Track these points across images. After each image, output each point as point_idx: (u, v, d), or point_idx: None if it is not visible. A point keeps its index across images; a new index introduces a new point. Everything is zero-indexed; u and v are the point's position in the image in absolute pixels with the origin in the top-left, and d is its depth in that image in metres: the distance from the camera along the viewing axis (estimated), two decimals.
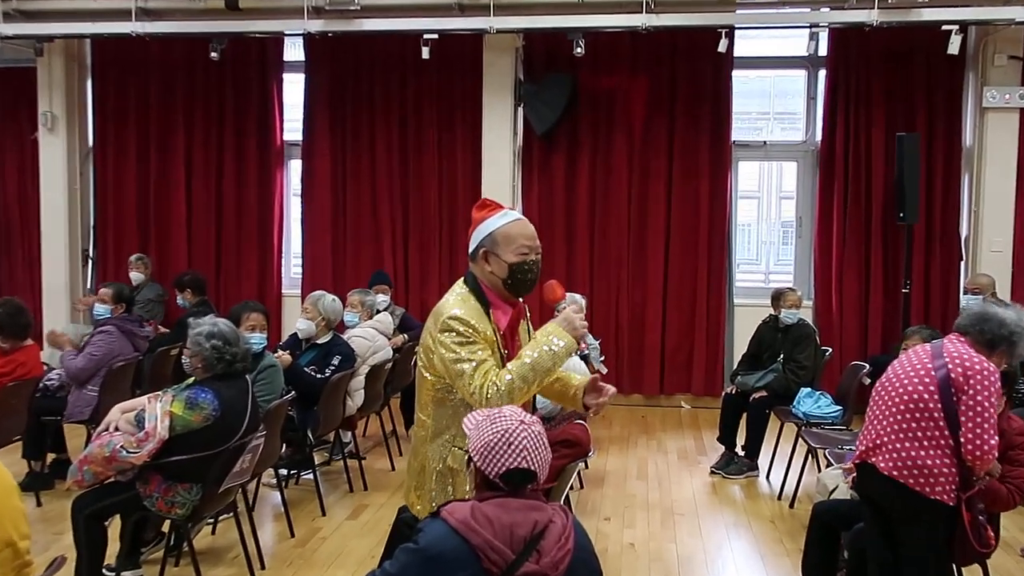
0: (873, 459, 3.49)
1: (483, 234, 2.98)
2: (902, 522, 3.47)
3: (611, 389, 3.08)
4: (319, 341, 5.85)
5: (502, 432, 2.32)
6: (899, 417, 3.43)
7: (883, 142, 8.25)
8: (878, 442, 3.48)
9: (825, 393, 6.26)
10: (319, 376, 5.60)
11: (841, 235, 8.40)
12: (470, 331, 2.85)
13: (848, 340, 8.40)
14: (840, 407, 6.09)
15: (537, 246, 3.00)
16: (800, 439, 5.89)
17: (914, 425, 3.39)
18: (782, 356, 6.49)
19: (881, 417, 3.53)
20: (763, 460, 6.53)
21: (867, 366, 6.19)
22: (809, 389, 6.27)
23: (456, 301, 2.94)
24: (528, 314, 3.19)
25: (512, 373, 2.82)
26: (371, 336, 6.36)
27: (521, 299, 3.09)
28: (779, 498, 5.99)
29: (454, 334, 2.85)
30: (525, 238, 2.97)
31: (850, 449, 5.15)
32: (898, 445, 3.40)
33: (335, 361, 5.74)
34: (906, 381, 3.46)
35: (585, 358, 3.03)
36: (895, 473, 3.38)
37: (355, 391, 6.10)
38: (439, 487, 2.99)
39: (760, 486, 6.32)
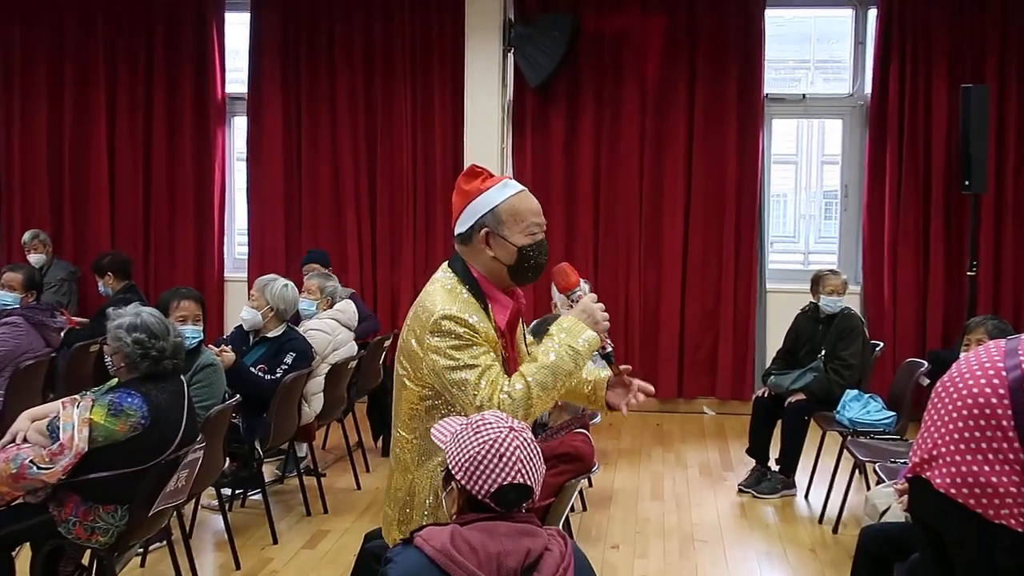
0: (928, 473, 3.47)
1: (482, 210, 2.92)
2: (959, 548, 3.47)
3: (646, 387, 3.10)
4: (269, 335, 5.83)
5: (490, 442, 2.32)
6: (960, 425, 3.39)
7: (945, 95, 8.27)
8: (934, 453, 3.45)
9: (875, 396, 6.27)
10: (269, 377, 5.60)
11: (894, 207, 8.42)
12: (469, 332, 2.81)
13: (903, 333, 8.43)
14: (893, 413, 6.10)
15: (544, 223, 2.98)
16: (845, 451, 5.90)
17: (977, 435, 3.35)
18: (823, 352, 6.50)
19: (939, 424, 3.50)
20: (801, 476, 6.55)
21: (925, 364, 6.20)
22: (856, 391, 6.28)
23: (444, 295, 2.88)
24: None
25: (527, 379, 2.78)
26: (331, 329, 6.35)
27: (518, 290, 3.07)
28: (820, 522, 6.00)
29: (450, 337, 2.80)
30: (534, 214, 2.94)
31: (904, 463, 5.16)
32: (957, 458, 3.36)
33: (288, 359, 5.73)
34: (971, 382, 3.43)
35: (607, 356, 3.00)
36: (952, 491, 3.35)
37: (312, 395, 6.10)
38: (432, 521, 2.90)
39: (798, 507, 6.34)
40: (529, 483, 2.32)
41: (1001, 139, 8.24)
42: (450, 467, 2.36)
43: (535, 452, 2.36)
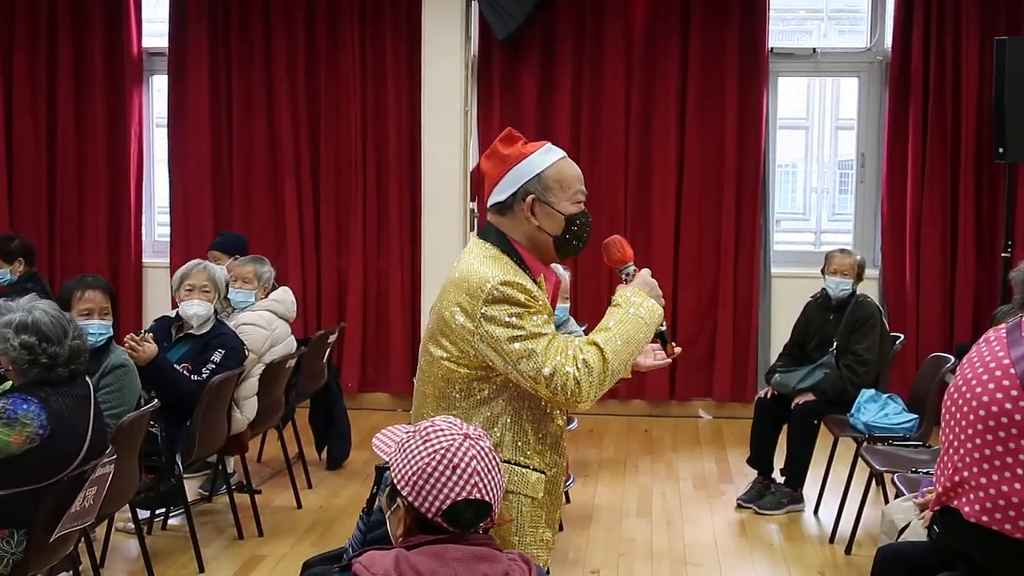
0: (956, 502, 3.43)
1: (527, 175, 3.09)
2: None
3: (669, 352, 3.28)
4: (196, 331, 5.82)
5: (442, 451, 2.32)
6: (978, 441, 3.34)
7: (977, 49, 8.32)
8: (956, 479, 3.40)
9: (895, 396, 6.32)
10: (194, 378, 5.58)
11: (918, 179, 8.48)
12: (529, 298, 2.96)
13: (927, 323, 8.51)
14: (915, 416, 6.15)
15: (586, 192, 3.22)
16: (860, 460, 5.94)
17: (1000, 449, 3.30)
18: (835, 346, 6.55)
19: (957, 444, 3.45)
20: (810, 489, 6.60)
21: (952, 359, 6.24)
22: (873, 391, 6.32)
23: (493, 264, 3.02)
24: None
25: (601, 347, 2.94)
26: (268, 322, 6.33)
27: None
28: (831, 541, 6.05)
29: (511, 305, 2.93)
30: (579, 182, 3.16)
31: (927, 473, 5.20)
32: (983, 480, 3.32)
33: (215, 357, 5.72)
34: (978, 389, 3.37)
35: (662, 335, 3.18)
36: (985, 519, 3.31)
37: (245, 399, 6.08)
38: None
39: (806, 525, 6.38)
40: (487, 499, 2.33)
41: None
42: (395, 482, 2.35)
43: (494, 464, 2.36)
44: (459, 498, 2.31)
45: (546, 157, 3.12)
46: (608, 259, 3.30)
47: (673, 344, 3.26)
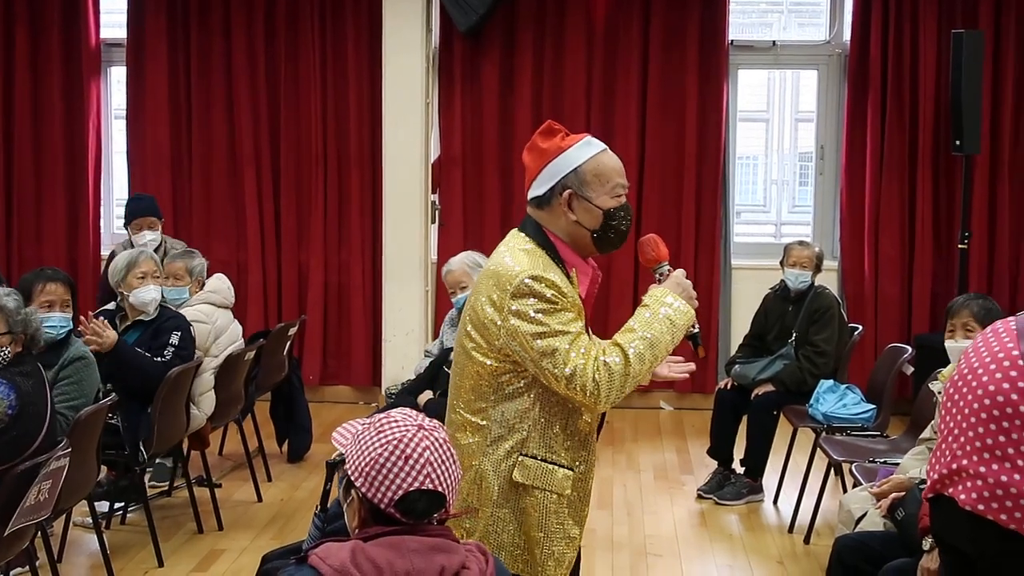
0: (951, 490, 3.43)
1: (564, 170, 3.08)
2: (989, 572, 3.47)
3: (687, 365, 3.28)
4: (144, 317, 5.79)
5: (395, 442, 2.32)
6: (980, 430, 3.33)
7: (935, 43, 8.37)
8: (954, 467, 3.39)
9: (853, 387, 6.37)
10: (157, 359, 5.58)
11: (876, 171, 8.53)
12: (557, 294, 2.96)
13: (885, 315, 8.56)
14: (872, 406, 6.20)
15: (628, 185, 3.18)
16: (819, 450, 5.99)
17: (1002, 439, 3.29)
18: (794, 337, 6.59)
19: (957, 432, 3.44)
20: (769, 480, 6.64)
21: (910, 350, 6.31)
22: (832, 382, 6.36)
23: (525, 258, 3.03)
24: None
25: (626, 349, 2.94)
26: (207, 315, 6.24)
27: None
28: (790, 531, 6.09)
29: (537, 300, 2.95)
30: (620, 175, 3.13)
31: (884, 463, 5.25)
32: (982, 469, 3.31)
33: (173, 339, 5.70)
34: (984, 378, 3.35)
35: (694, 337, 3.15)
36: (981, 507, 3.30)
37: (201, 395, 6.08)
38: (509, 511, 3.09)
39: (765, 515, 6.42)
40: (440, 489, 2.33)
41: (997, 92, 8.36)
42: (349, 474, 2.35)
43: (448, 454, 2.37)
44: (411, 488, 2.31)
45: (584, 151, 3.10)
46: (643, 258, 3.28)
47: (702, 347, 3.23)
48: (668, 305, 3.02)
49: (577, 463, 3.14)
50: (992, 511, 3.25)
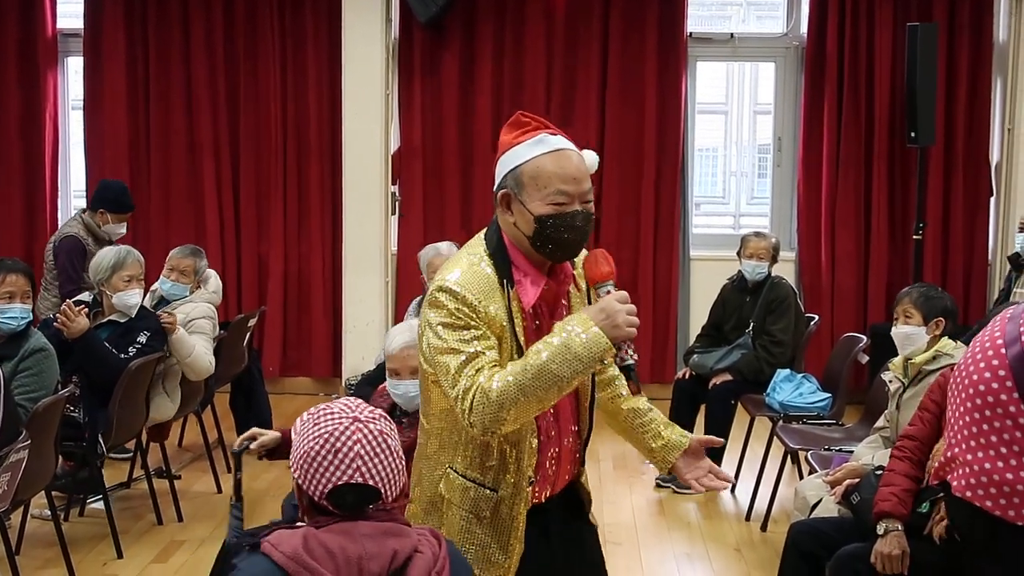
0: (949, 476, 3.50)
1: (506, 168, 2.89)
2: (979, 556, 3.52)
3: (725, 476, 3.25)
4: (118, 318, 5.78)
5: (326, 435, 2.35)
6: (968, 419, 3.35)
7: (890, 36, 8.44)
8: (950, 454, 3.46)
9: (809, 376, 6.43)
10: (123, 356, 5.58)
11: (833, 163, 8.60)
12: (464, 310, 2.76)
13: (841, 305, 8.64)
14: (828, 395, 6.27)
15: (584, 192, 2.85)
16: (776, 438, 6.05)
17: (986, 428, 3.31)
18: (752, 327, 6.64)
19: (953, 421, 3.50)
20: (727, 467, 6.66)
21: (865, 339, 6.37)
22: (788, 371, 6.43)
23: (459, 264, 2.87)
24: (583, 284, 3.07)
25: (509, 379, 2.69)
26: (212, 313, 6.42)
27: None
28: (747, 518, 6.16)
29: (442, 312, 2.77)
30: (562, 179, 2.82)
31: (839, 451, 5.31)
32: (969, 456, 3.36)
33: (141, 338, 5.71)
34: (971, 368, 3.37)
35: (627, 369, 2.84)
36: (969, 494, 3.35)
37: (174, 388, 6.11)
38: (436, 523, 2.92)
39: (723, 503, 6.48)
40: (371, 483, 2.35)
41: (951, 85, 8.44)
42: (290, 465, 2.38)
43: (381, 447, 2.38)
44: (340, 482, 2.33)
45: (529, 151, 2.85)
46: (585, 274, 2.98)
47: (638, 383, 2.92)
48: (572, 333, 2.69)
49: (502, 486, 2.89)
50: (979, 498, 3.30)
